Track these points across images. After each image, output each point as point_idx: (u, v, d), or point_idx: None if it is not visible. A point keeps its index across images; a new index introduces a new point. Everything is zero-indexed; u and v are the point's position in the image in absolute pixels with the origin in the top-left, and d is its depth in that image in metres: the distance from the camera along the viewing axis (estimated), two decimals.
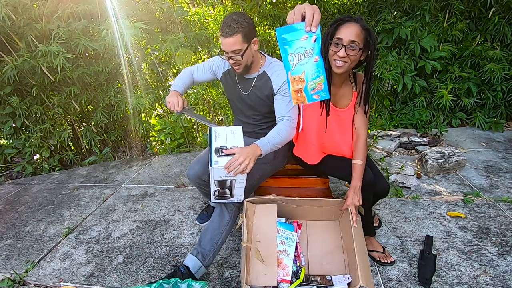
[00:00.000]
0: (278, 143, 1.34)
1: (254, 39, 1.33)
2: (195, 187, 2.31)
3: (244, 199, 1.38)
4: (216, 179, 1.22)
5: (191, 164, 1.57)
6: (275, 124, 1.42)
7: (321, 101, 1.32)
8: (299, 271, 1.30)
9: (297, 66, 0.94)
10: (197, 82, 1.65)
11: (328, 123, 1.41)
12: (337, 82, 1.35)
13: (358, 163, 1.34)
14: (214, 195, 1.31)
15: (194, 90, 3.09)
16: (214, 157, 1.20)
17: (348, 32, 1.14)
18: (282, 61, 1.05)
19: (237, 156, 1.18)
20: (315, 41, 0.90)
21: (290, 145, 1.65)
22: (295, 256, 1.32)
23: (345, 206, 1.32)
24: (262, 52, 1.49)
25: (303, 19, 0.92)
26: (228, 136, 1.28)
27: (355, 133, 1.42)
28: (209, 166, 1.17)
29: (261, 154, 1.28)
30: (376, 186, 1.37)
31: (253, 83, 1.46)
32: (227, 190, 1.30)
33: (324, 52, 1.20)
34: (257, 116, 1.56)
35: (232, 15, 1.27)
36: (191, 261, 1.33)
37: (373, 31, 1.18)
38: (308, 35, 0.89)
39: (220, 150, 1.21)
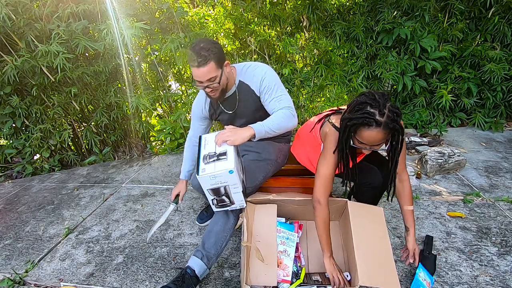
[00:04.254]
0: (275, 127, 1.27)
1: (226, 62, 1.31)
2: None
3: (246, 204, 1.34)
4: (208, 187, 1.19)
5: (193, 174, 1.56)
6: None
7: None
8: (299, 271, 1.30)
9: None
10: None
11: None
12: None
13: (409, 208, 1.34)
14: (213, 204, 1.28)
15: (195, 90, 3.09)
16: (201, 164, 1.17)
17: (371, 140, 1.06)
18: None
19: (226, 129, 1.22)
20: None
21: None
22: (295, 256, 1.32)
23: (406, 255, 1.37)
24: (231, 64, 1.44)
25: None
26: None
27: (398, 178, 1.35)
28: (196, 175, 1.14)
29: (254, 135, 1.24)
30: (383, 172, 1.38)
31: (237, 97, 1.44)
32: (224, 198, 1.25)
33: (345, 146, 1.15)
34: (246, 120, 1.51)
35: (199, 43, 1.24)
36: (197, 265, 1.31)
37: (399, 124, 1.04)
38: None
39: (207, 157, 1.19)
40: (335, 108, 1.43)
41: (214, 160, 1.17)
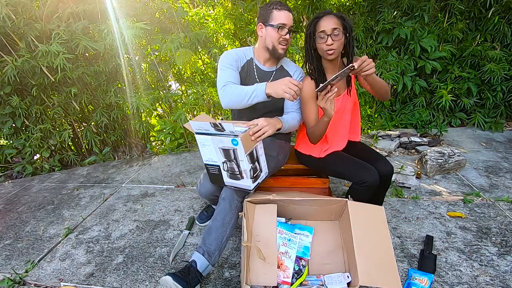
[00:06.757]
0: (291, 127, 1.48)
1: None
2: (195, 187, 2.31)
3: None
4: (247, 151, 1.21)
5: (201, 181, 1.55)
6: None
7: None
8: (303, 270, 1.30)
9: None
10: None
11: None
12: (331, 70, 1.45)
13: None
14: (251, 178, 1.28)
15: (195, 90, 3.09)
16: (235, 130, 1.16)
17: (328, 23, 1.31)
18: None
19: (259, 120, 1.30)
20: None
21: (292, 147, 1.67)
22: (296, 257, 1.32)
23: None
24: None
25: None
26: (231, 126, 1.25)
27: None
28: (233, 145, 1.18)
29: (280, 128, 1.40)
30: (378, 168, 1.41)
31: (273, 75, 1.56)
32: (257, 165, 1.31)
33: (311, 50, 1.40)
34: (268, 110, 1.57)
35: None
36: (199, 260, 1.32)
37: (346, 17, 1.34)
38: None
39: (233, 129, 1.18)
40: None
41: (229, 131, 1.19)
